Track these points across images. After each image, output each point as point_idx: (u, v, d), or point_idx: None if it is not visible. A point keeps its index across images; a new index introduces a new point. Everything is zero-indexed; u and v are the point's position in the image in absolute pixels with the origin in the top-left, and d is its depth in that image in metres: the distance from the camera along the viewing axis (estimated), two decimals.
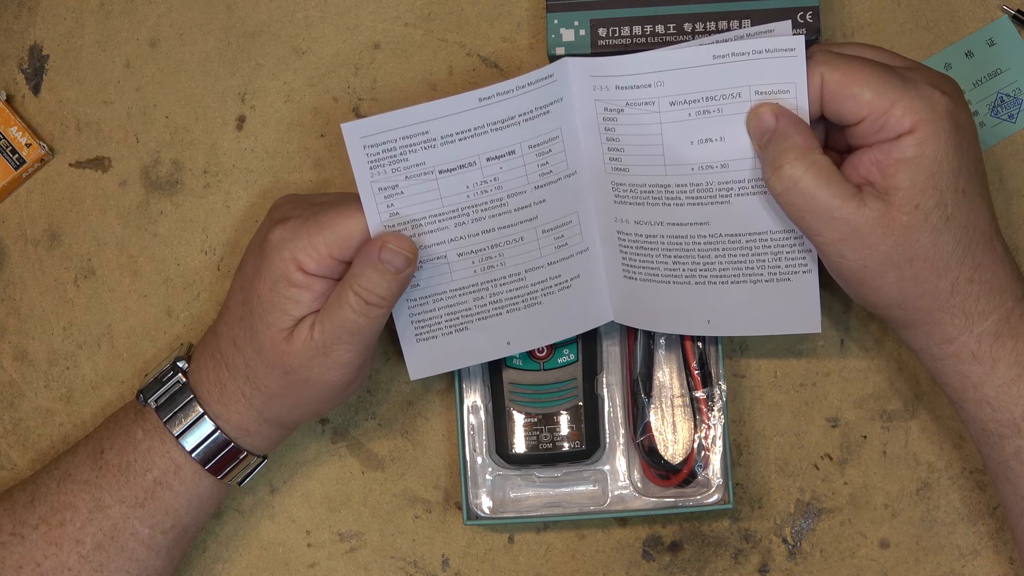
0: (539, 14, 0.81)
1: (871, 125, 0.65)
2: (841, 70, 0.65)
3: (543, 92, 0.69)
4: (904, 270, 0.65)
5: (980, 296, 0.66)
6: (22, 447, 0.82)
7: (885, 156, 0.64)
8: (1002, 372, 0.67)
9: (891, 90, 0.64)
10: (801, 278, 0.71)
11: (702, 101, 0.68)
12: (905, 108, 0.64)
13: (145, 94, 0.83)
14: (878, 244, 0.65)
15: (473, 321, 0.74)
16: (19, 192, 0.83)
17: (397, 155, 0.69)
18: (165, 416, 0.72)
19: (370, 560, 0.80)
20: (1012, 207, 0.79)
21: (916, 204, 0.64)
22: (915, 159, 0.64)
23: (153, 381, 0.73)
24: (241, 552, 0.81)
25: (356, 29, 0.82)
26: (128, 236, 0.82)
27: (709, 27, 0.76)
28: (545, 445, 0.77)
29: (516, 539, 0.80)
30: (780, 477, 0.79)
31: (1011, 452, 0.68)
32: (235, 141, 0.82)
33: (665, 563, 0.79)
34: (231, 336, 0.72)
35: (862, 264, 0.66)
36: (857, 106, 0.64)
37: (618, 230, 0.72)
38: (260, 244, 0.71)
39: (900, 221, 0.64)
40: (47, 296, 0.82)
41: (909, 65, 0.67)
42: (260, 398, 0.71)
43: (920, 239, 0.65)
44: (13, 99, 0.83)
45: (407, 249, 0.68)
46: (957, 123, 0.65)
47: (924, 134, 0.64)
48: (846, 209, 0.65)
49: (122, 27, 0.83)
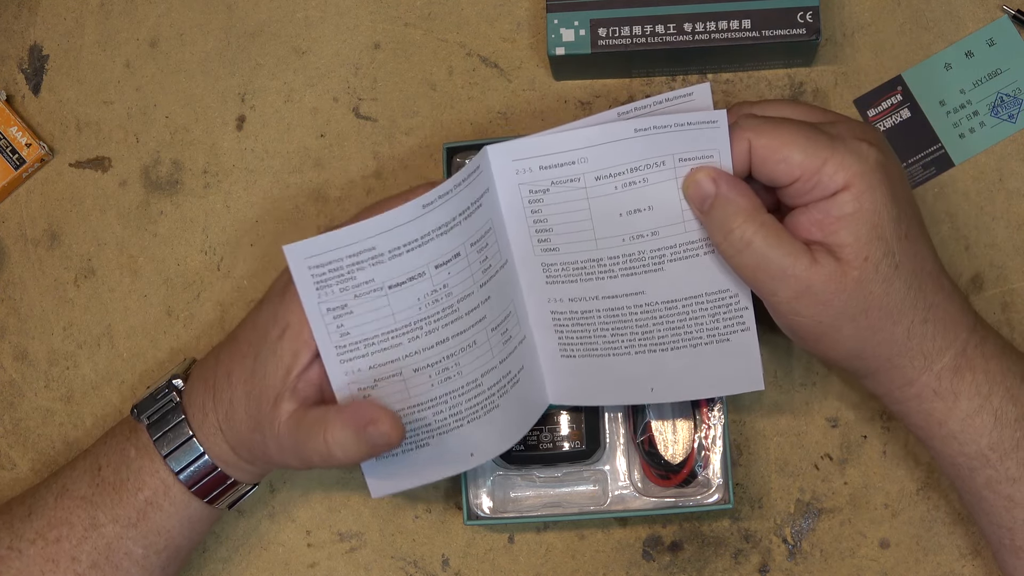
0: (539, 14, 0.81)
1: (804, 185, 0.65)
2: (768, 135, 0.65)
3: (475, 186, 0.67)
4: (860, 321, 0.66)
5: (936, 334, 0.67)
6: (22, 447, 0.82)
7: (824, 215, 0.65)
8: (964, 405, 0.67)
9: (820, 149, 0.64)
10: (740, 337, 0.70)
11: (627, 173, 0.67)
12: (837, 165, 0.64)
13: (145, 94, 0.83)
14: (832, 299, 0.65)
15: (433, 436, 0.71)
16: (19, 192, 0.83)
17: (344, 274, 0.66)
18: (156, 435, 0.71)
19: (370, 560, 0.80)
20: (1012, 207, 0.79)
21: (865, 257, 0.64)
22: (855, 214, 0.64)
23: (148, 397, 0.73)
24: (241, 552, 0.81)
25: (356, 29, 0.82)
26: (128, 236, 0.82)
27: (709, 27, 0.76)
28: (545, 445, 0.77)
29: (516, 539, 0.80)
30: (780, 477, 0.79)
31: (982, 483, 0.68)
32: (235, 141, 0.82)
33: (665, 563, 0.79)
34: (228, 369, 0.70)
35: (818, 320, 0.66)
36: (788, 169, 0.64)
37: (552, 310, 0.72)
38: (283, 287, 0.69)
39: (852, 275, 0.64)
40: (47, 296, 0.82)
41: (832, 119, 0.67)
42: (234, 437, 0.71)
43: (873, 290, 0.65)
44: (13, 99, 0.83)
45: (394, 438, 0.66)
46: (888, 172, 0.65)
47: (860, 188, 0.64)
48: (799, 267, 0.64)
49: (122, 27, 0.83)
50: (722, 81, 0.80)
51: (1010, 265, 0.79)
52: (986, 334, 0.68)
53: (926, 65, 0.80)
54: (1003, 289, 0.78)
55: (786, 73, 0.80)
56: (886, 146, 0.67)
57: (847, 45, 0.80)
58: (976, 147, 0.79)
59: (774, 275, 0.65)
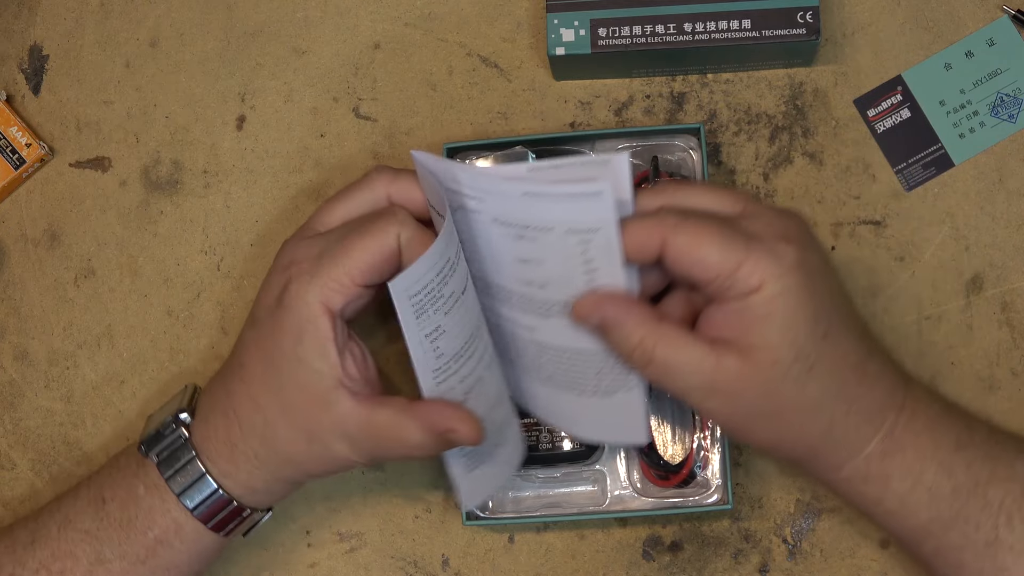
0: (539, 14, 0.81)
1: (720, 285, 0.63)
2: (685, 233, 0.63)
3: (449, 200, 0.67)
4: (773, 421, 0.65)
5: (860, 424, 0.65)
6: (22, 447, 0.82)
7: (738, 315, 0.63)
8: (897, 485, 0.66)
9: (736, 251, 0.62)
10: (625, 395, 0.69)
11: (518, 227, 0.65)
12: (752, 267, 0.62)
13: (145, 94, 0.83)
14: (740, 400, 0.64)
15: (506, 431, 0.72)
16: (19, 192, 0.83)
17: (435, 293, 0.65)
18: (167, 473, 0.70)
19: (370, 560, 0.80)
20: (1012, 207, 0.79)
21: (774, 361, 0.63)
22: (767, 317, 0.63)
23: (155, 434, 0.71)
24: (241, 552, 0.81)
25: (356, 29, 0.82)
26: (128, 236, 0.82)
27: (709, 27, 0.76)
28: (545, 445, 0.77)
29: (516, 539, 0.80)
30: (780, 477, 0.79)
31: (929, 552, 0.67)
32: (235, 141, 0.82)
33: (665, 563, 0.79)
34: (250, 395, 0.69)
35: (729, 417, 0.65)
36: (703, 270, 0.63)
37: (487, 316, 0.71)
38: (277, 296, 0.68)
39: (760, 377, 0.63)
40: (47, 296, 0.82)
41: (752, 212, 0.65)
42: (275, 460, 0.70)
43: (783, 392, 0.64)
44: (13, 99, 0.83)
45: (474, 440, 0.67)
46: (808, 270, 0.63)
47: (773, 291, 0.62)
48: (704, 371, 0.63)
49: (122, 27, 0.83)
50: (722, 81, 0.80)
51: (1010, 265, 0.79)
52: (916, 408, 0.67)
53: (926, 65, 0.80)
54: (1003, 289, 0.78)
55: (786, 73, 0.80)
56: (807, 240, 0.65)
57: (847, 45, 0.80)
58: (976, 147, 0.79)
59: (680, 381, 0.64)
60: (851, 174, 0.80)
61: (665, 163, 0.78)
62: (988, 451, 0.67)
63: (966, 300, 0.78)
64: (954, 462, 0.66)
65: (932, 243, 0.79)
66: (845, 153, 0.80)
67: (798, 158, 0.80)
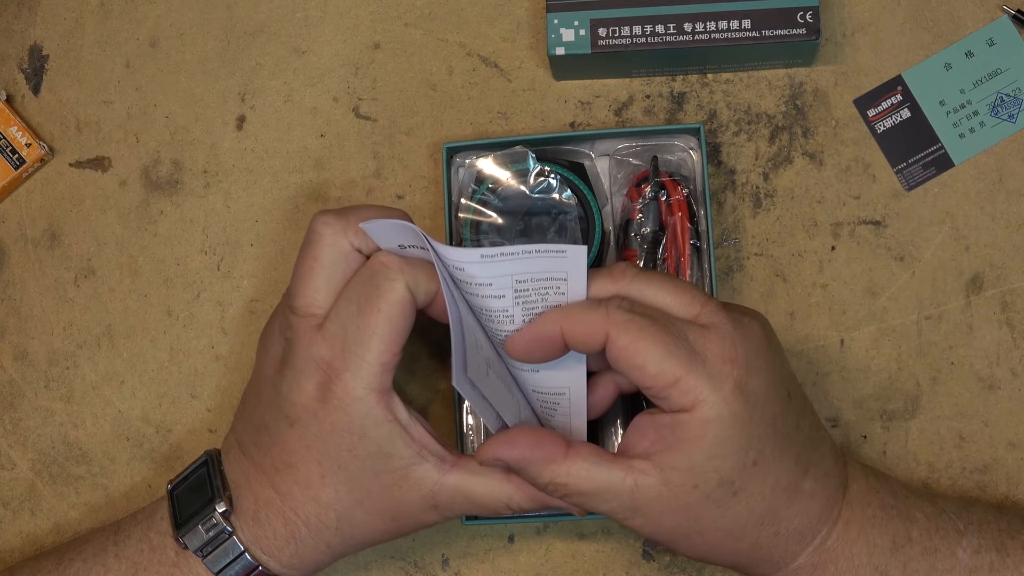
0: (539, 14, 0.81)
1: (655, 394, 0.62)
2: (629, 335, 0.61)
3: None
4: (696, 540, 0.64)
5: (789, 541, 0.64)
6: (22, 447, 0.82)
7: (668, 430, 0.62)
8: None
9: (675, 366, 0.61)
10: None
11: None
12: (688, 386, 0.61)
13: (145, 94, 0.83)
14: (660, 520, 0.63)
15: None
16: (19, 192, 0.83)
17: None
18: (216, 568, 0.67)
19: (370, 560, 0.80)
20: (1012, 207, 0.79)
21: (694, 485, 0.61)
22: (695, 440, 0.61)
23: (193, 527, 0.68)
24: None
25: (356, 29, 0.82)
26: (128, 236, 0.82)
27: (709, 27, 0.76)
28: None
29: (516, 539, 0.80)
30: None
31: None
32: (235, 141, 0.82)
33: (665, 563, 0.79)
34: (312, 497, 0.66)
35: (652, 534, 0.64)
36: (641, 377, 0.61)
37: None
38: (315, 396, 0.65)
39: (679, 501, 0.62)
40: (47, 296, 0.82)
41: (706, 316, 0.63)
42: (353, 546, 0.68)
43: (704, 515, 0.62)
44: (13, 99, 0.83)
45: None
46: (747, 396, 0.61)
47: (707, 415, 0.61)
48: (623, 494, 0.62)
49: (122, 27, 0.83)
50: (722, 81, 0.80)
51: (1010, 265, 0.79)
52: (851, 516, 0.66)
53: (926, 65, 0.80)
54: (1003, 289, 0.78)
55: (786, 73, 0.80)
56: (755, 359, 0.62)
57: (847, 45, 0.80)
58: (976, 147, 0.79)
59: (601, 504, 0.63)
60: (851, 174, 0.80)
61: (665, 163, 0.78)
62: (927, 544, 0.66)
63: (966, 300, 0.78)
64: (890, 564, 0.65)
65: (932, 243, 0.79)
66: (845, 153, 0.80)
67: (798, 158, 0.80)
